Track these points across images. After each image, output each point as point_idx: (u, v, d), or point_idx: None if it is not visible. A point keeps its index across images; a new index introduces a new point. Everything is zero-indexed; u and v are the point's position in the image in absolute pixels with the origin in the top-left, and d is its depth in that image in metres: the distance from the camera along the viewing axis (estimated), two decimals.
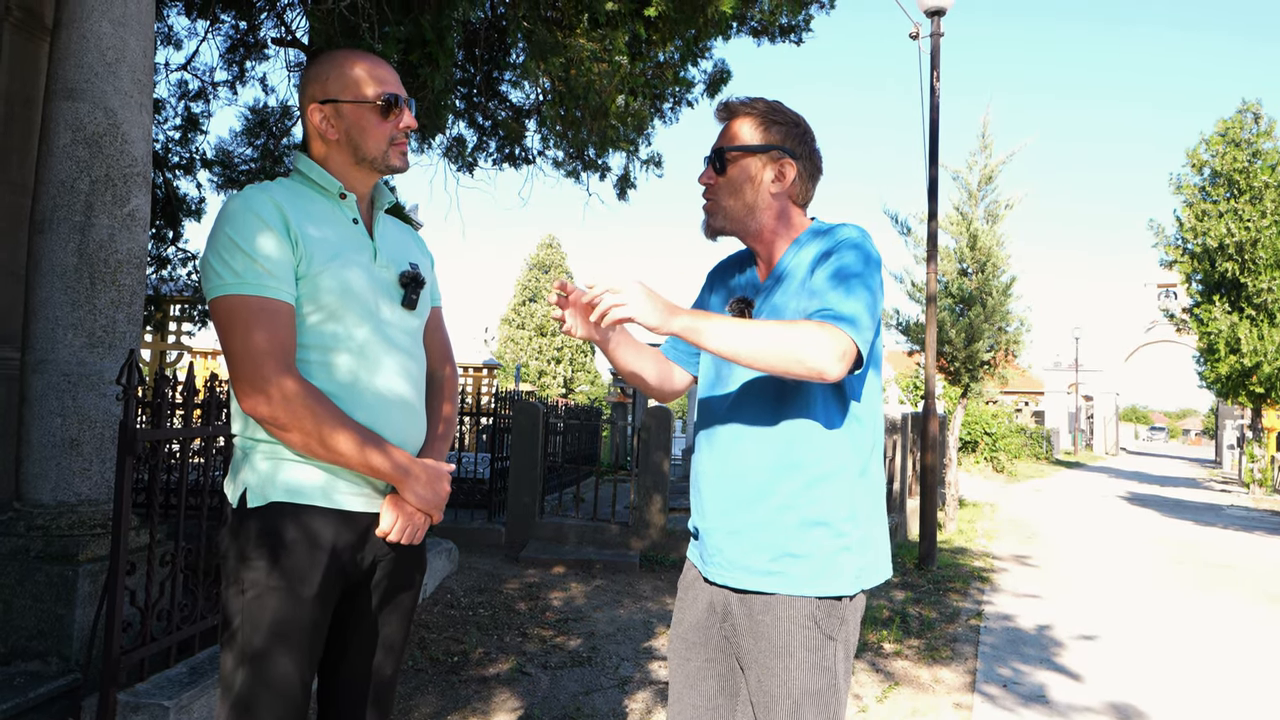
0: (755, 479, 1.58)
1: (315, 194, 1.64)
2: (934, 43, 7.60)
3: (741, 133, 1.66)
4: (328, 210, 1.63)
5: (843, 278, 1.51)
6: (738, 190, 1.65)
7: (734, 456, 1.62)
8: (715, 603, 1.64)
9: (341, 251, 1.59)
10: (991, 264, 10.41)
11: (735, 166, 1.65)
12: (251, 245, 1.49)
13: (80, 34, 3.24)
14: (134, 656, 2.75)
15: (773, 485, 1.57)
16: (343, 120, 1.63)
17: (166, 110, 7.38)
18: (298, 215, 1.56)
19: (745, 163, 1.65)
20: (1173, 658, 4.77)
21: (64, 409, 3.15)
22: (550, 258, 38.32)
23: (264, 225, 1.51)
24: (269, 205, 1.53)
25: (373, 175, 1.69)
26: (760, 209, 1.66)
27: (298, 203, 1.58)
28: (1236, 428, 26.64)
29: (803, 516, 1.55)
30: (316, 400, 1.50)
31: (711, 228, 1.69)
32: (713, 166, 1.67)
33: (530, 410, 7.05)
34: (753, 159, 1.65)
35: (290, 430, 1.49)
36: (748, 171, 1.65)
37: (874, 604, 5.56)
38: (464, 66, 6.68)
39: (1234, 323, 17.60)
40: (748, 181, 1.65)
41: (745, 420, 1.61)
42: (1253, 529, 11.59)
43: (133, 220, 3.34)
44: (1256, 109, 18.38)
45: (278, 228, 1.52)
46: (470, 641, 4.28)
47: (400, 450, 1.59)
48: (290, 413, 1.47)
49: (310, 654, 1.53)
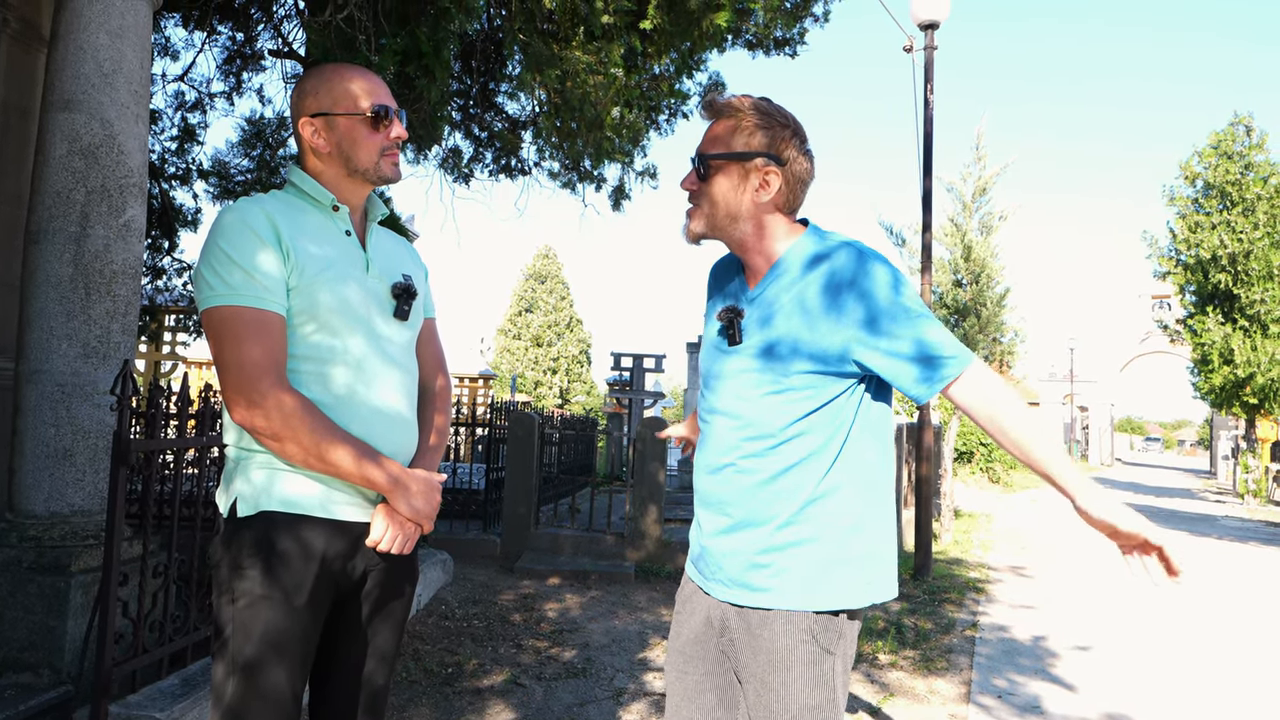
0: (755, 494, 1.56)
1: (308, 206, 1.65)
2: (927, 55, 7.65)
3: (725, 137, 1.57)
4: (321, 222, 1.64)
5: (909, 319, 1.48)
6: (719, 198, 1.57)
7: (732, 471, 1.59)
8: (713, 616, 1.63)
9: (334, 263, 1.60)
10: (986, 275, 10.46)
11: (717, 174, 1.56)
12: (244, 257, 1.51)
13: (77, 45, 3.25)
14: (126, 668, 2.74)
15: (773, 502, 1.54)
16: (334, 132, 1.64)
17: (163, 121, 7.40)
18: (290, 227, 1.57)
19: (728, 169, 1.56)
20: (1167, 669, 4.77)
21: (58, 419, 3.14)
22: (547, 268, 38.34)
23: (256, 237, 1.52)
24: (261, 217, 1.54)
25: (365, 186, 1.70)
26: (743, 218, 1.57)
27: (291, 215, 1.60)
28: (1231, 438, 26.70)
29: (802, 533, 1.53)
30: (308, 411, 1.50)
31: (691, 232, 1.61)
32: (695, 171, 1.59)
33: (526, 421, 7.05)
34: (736, 166, 1.55)
35: (283, 441, 1.49)
36: (730, 179, 1.56)
37: (869, 615, 5.55)
38: (460, 78, 6.71)
39: (1227, 334, 17.68)
40: (730, 190, 1.56)
41: (744, 435, 1.58)
42: (1247, 539, 11.61)
43: (128, 231, 3.35)
44: (1248, 121, 18.51)
45: (270, 240, 1.53)
46: (464, 653, 4.26)
47: (392, 461, 1.59)
48: (283, 424, 1.48)
49: (302, 664, 1.54)
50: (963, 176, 10.72)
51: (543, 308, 37.37)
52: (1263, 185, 17.67)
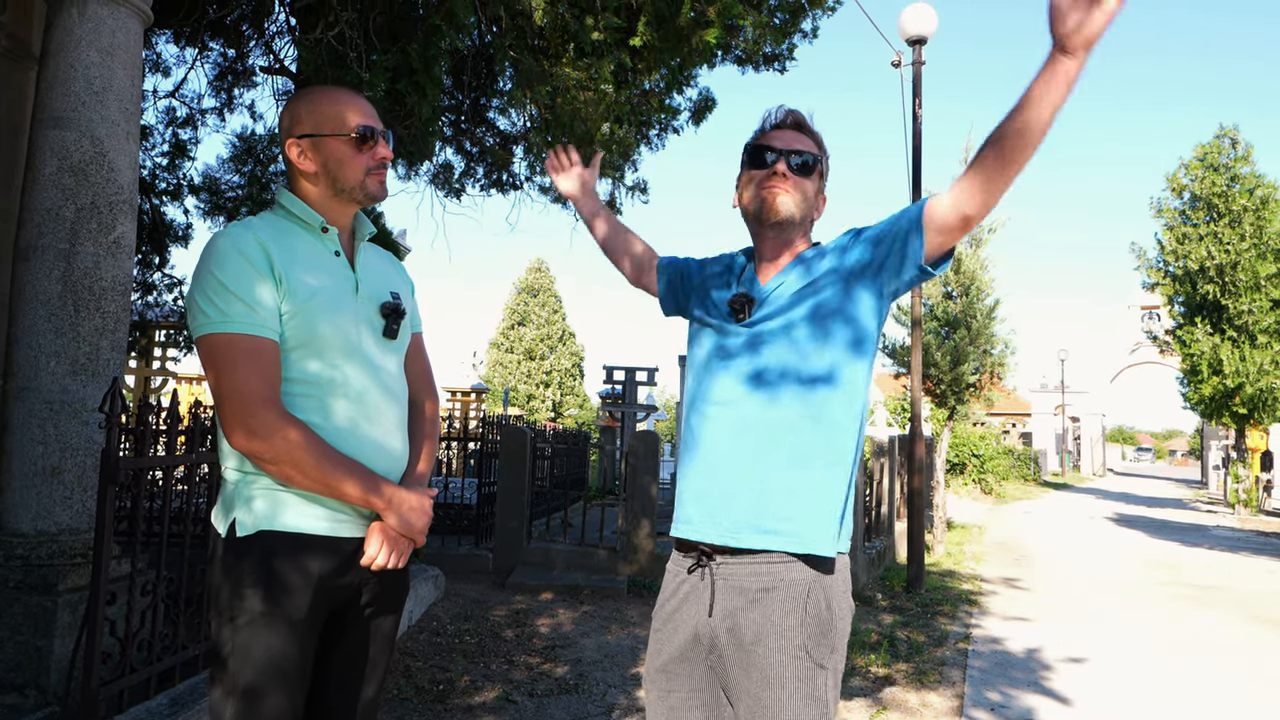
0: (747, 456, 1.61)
1: (297, 228, 1.67)
2: (916, 70, 7.72)
3: (817, 151, 1.76)
4: (310, 244, 1.66)
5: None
6: (809, 193, 1.74)
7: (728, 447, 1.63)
8: (701, 634, 1.62)
9: (325, 287, 1.62)
10: (976, 287, 10.52)
11: (815, 174, 1.75)
12: (237, 284, 1.52)
13: (68, 63, 3.26)
14: (113, 688, 2.71)
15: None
16: (319, 153, 1.66)
17: (154, 137, 7.40)
18: (281, 252, 1.58)
19: (816, 175, 1.76)
20: (1161, 680, 4.78)
21: (45, 437, 3.13)
22: (539, 281, 38.35)
23: (249, 264, 1.54)
24: (254, 243, 1.56)
25: (352, 206, 1.72)
26: (807, 219, 1.76)
27: (281, 239, 1.62)
28: (1221, 448, 26.81)
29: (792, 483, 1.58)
30: (304, 435, 1.52)
31: (786, 208, 1.69)
32: (805, 162, 1.72)
33: (518, 435, 7.04)
34: (820, 177, 1.77)
35: (283, 465, 1.51)
36: (816, 184, 1.76)
37: (863, 628, 5.55)
38: (452, 94, 6.73)
39: (1216, 344, 17.77)
40: (813, 192, 1.76)
41: (740, 412, 1.63)
42: (1238, 549, 11.65)
43: (118, 248, 3.34)
44: (1234, 134, 18.68)
45: (262, 266, 1.55)
46: (456, 669, 4.24)
47: (385, 480, 1.62)
48: (285, 452, 1.50)
49: (300, 683, 1.55)
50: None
51: (535, 321, 37.36)
52: (1249, 197, 17.81)
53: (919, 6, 7.66)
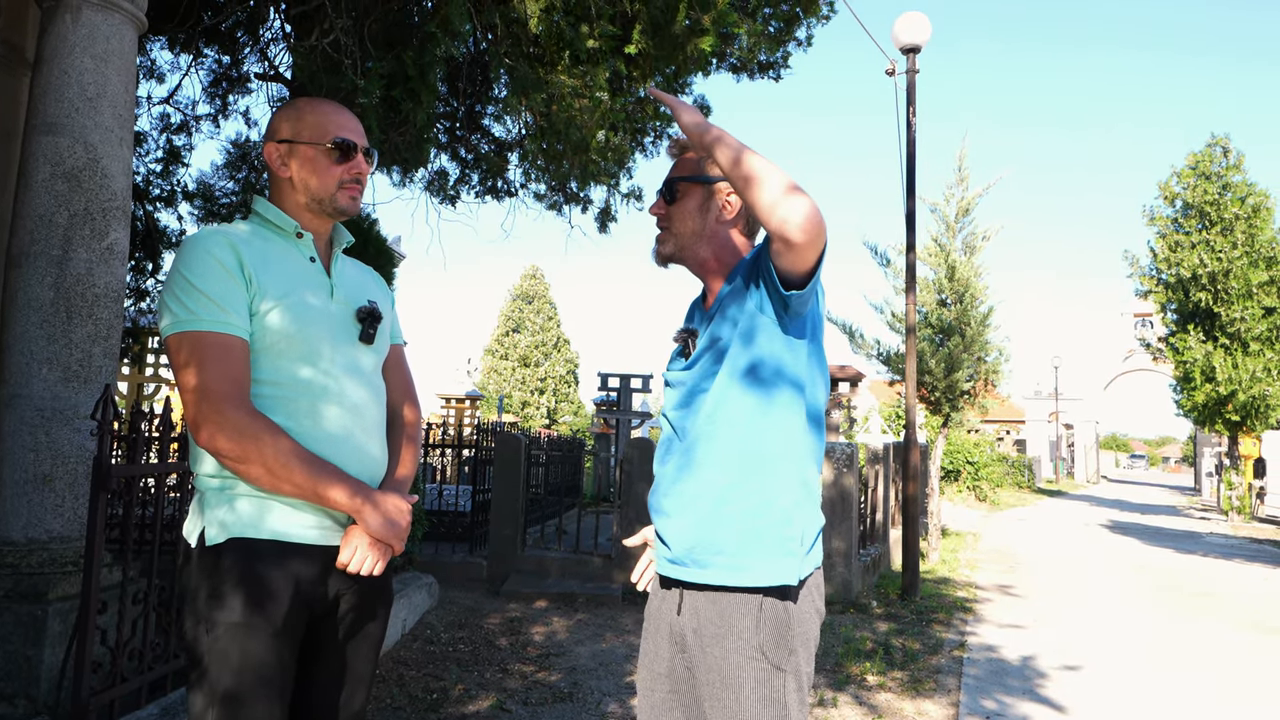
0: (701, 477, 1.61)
1: (271, 234, 1.68)
2: (909, 79, 7.75)
3: (692, 164, 1.72)
4: (284, 249, 1.66)
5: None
6: (684, 218, 1.70)
7: (684, 468, 1.65)
8: (675, 631, 1.64)
9: (296, 288, 1.62)
10: (970, 294, 10.53)
11: (684, 196, 1.70)
12: (206, 283, 1.52)
13: (62, 69, 3.25)
14: (104, 697, 2.69)
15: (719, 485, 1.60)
16: (295, 160, 1.68)
17: (148, 143, 7.38)
18: (252, 254, 1.59)
19: (694, 192, 1.70)
20: (1156, 687, 4.78)
21: (37, 444, 3.11)
22: (534, 288, 38.37)
23: (218, 263, 1.54)
24: (224, 244, 1.56)
25: (324, 217, 1.72)
26: (705, 237, 1.70)
27: (254, 242, 1.62)
28: (1215, 455, 26.90)
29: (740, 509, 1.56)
30: (273, 434, 1.50)
31: (660, 254, 1.73)
32: (663, 196, 1.72)
33: (512, 442, 7.02)
34: (700, 189, 1.70)
35: (248, 464, 1.49)
36: (696, 200, 1.70)
37: (857, 635, 5.54)
38: (447, 100, 6.74)
39: (1208, 351, 17.84)
40: (696, 211, 1.69)
41: (697, 438, 1.63)
42: (1232, 556, 11.67)
43: (111, 254, 3.33)
44: (1225, 143, 18.79)
45: (232, 266, 1.55)
46: (450, 678, 4.22)
47: (359, 482, 1.59)
48: (247, 447, 1.48)
49: (280, 689, 1.53)
50: (945, 197, 10.81)
51: (530, 328, 37.35)
52: (1240, 205, 17.90)
53: (912, 16, 7.70)
